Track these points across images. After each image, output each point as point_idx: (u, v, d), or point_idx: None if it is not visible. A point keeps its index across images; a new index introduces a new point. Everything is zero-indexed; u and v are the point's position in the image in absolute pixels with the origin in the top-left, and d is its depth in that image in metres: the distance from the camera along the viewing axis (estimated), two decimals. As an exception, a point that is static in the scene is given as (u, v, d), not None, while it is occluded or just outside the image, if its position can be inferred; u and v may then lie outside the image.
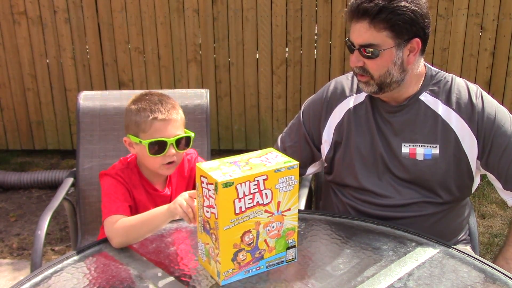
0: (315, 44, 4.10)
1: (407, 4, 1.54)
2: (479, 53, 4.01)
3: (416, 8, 1.54)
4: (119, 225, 1.52)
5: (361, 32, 1.57)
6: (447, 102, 1.66)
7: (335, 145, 1.78)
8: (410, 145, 1.67)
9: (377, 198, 1.71)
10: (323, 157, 1.84)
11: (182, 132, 1.68)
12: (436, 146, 1.65)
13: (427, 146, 1.66)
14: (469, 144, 1.64)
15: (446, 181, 1.66)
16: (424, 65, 1.71)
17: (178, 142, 1.66)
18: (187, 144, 1.70)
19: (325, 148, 1.81)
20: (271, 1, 3.98)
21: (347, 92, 1.78)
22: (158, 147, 1.63)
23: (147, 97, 1.67)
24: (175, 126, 1.65)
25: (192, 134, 1.70)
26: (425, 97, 1.68)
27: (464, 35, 3.98)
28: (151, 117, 1.62)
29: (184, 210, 1.40)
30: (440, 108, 1.66)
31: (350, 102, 1.76)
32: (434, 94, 1.68)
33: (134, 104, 1.67)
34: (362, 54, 1.60)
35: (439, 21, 3.93)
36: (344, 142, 1.76)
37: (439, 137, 1.65)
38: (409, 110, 1.68)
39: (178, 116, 1.67)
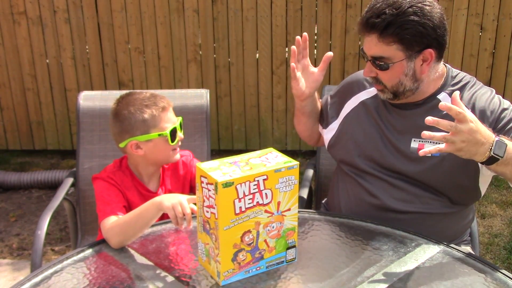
0: (315, 44, 4.10)
1: (416, 18, 1.51)
2: (479, 53, 4.01)
3: (426, 21, 1.51)
4: (114, 224, 1.53)
5: (371, 45, 1.58)
6: (462, 96, 1.64)
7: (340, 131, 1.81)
8: (419, 141, 1.66)
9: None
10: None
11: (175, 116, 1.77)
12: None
13: (436, 142, 1.64)
14: None
15: (453, 179, 1.64)
16: (444, 65, 1.69)
17: (180, 125, 1.76)
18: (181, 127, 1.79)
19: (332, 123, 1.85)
20: (271, 1, 3.97)
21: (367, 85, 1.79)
22: (173, 134, 1.70)
23: (137, 96, 1.71)
24: (172, 111, 1.74)
25: (180, 117, 1.78)
26: (443, 96, 1.66)
27: (464, 35, 3.98)
28: (160, 110, 1.68)
29: (176, 213, 1.40)
30: None
31: (363, 95, 1.78)
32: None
33: (131, 106, 1.67)
34: (374, 65, 1.60)
35: (439, 21, 3.93)
36: (346, 133, 1.78)
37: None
38: (423, 107, 1.67)
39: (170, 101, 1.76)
